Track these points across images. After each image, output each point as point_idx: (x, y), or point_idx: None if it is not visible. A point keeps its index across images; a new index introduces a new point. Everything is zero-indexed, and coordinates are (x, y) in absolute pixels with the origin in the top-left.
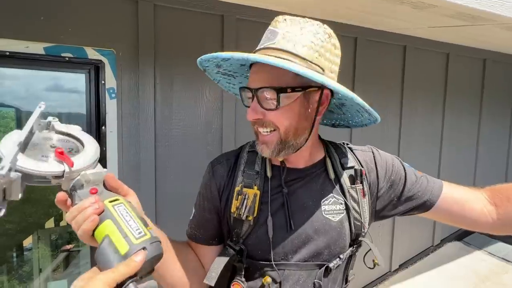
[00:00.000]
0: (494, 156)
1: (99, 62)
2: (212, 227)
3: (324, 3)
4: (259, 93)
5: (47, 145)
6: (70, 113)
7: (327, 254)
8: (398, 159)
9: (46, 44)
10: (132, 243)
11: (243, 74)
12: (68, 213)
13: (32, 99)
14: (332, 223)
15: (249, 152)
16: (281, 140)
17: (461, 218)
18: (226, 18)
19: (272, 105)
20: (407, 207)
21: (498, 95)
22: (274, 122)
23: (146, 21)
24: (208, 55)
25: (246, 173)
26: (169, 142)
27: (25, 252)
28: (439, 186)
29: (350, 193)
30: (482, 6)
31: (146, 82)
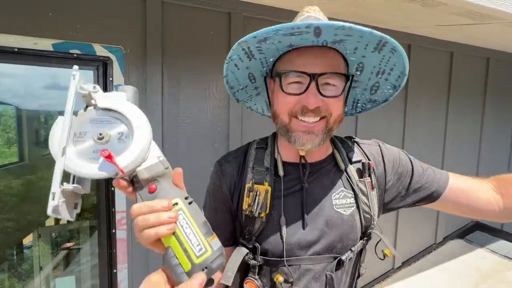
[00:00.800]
0: (496, 152)
1: (107, 59)
2: (226, 228)
3: (332, 1)
4: (321, 79)
5: (95, 134)
6: (75, 111)
7: (340, 247)
8: (404, 152)
9: (54, 41)
10: (193, 262)
11: (264, 58)
12: (136, 207)
13: (31, 98)
14: (344, 217)
15: (257, 148)
16: (327, 128)
17: (468, 207)
18: (233, 15)
19: (336, 92)
20: (415, 199)
21: (501, 93)
22: (330, 110)
23: (154, 18)
24: (299, 23)
25: (256, 170)
26: (176, 139)
27: (25, 250)
28: (445, 176)
29: (359, 187)
30: (493, 4)
31: (154, 79)
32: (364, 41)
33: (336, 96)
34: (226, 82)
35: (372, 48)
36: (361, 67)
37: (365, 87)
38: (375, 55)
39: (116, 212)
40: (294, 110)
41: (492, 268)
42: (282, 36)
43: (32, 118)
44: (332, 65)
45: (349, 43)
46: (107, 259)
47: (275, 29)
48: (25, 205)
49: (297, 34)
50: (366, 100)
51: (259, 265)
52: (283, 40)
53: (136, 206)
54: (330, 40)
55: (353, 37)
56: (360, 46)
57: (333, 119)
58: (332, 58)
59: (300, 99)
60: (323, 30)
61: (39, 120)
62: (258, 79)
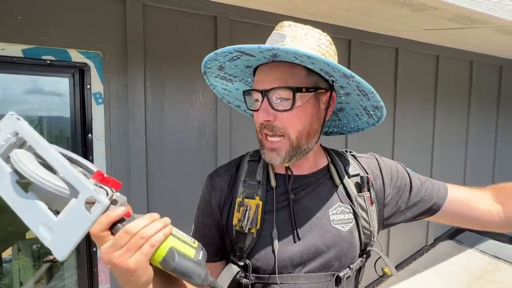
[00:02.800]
0: (482, 155)
1: (84, 65)
2: (213, 244)
3: (319, 4)
4: (270, 94)
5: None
6: (52, 117)
7: (337, 266)
8: (401, 165)
9: (24, 46)
10: (194, 247)
11: (243, 79)
12: (131, 226)
13: (9, 103)
14: (342, 233)
15: (250, 161)
16: (293, 146)
17: (468, 218)
18: (219, 19)
19: (287, 105)
20: (415, 213)
21: (485, 95)
22: (286, 125)
23: (134, 22)
24: (229, 47)
25: (247, 184)
26: (161, 149)
27: (4, 264)
28: (444, 188)
29: (358, 201)
30: (482, 9)
31: (136, 86)
32: (291, 53)
33: (288, 110)
34: (228, 103)
35: (307, 58)
36: (325, 72)
37: (357, 93)
38: (318, 62)
39: None
40: (258, 128)
41: (482, 269)
42: (229, 62)
43: None
44: (280, 78)
45: (283, 55)
46: (88, 280)
47: (209, 58)
48: (4, 216)
49: (236, 58)
50: (371, 106)
51: (252, 283)
52: (236, 64)
53: (136, 222)
54: (267, 56)
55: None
56: (297, 56)
57: (293, 135)
58: (283, 70)
59: (257, 116)
60: (248, 52)
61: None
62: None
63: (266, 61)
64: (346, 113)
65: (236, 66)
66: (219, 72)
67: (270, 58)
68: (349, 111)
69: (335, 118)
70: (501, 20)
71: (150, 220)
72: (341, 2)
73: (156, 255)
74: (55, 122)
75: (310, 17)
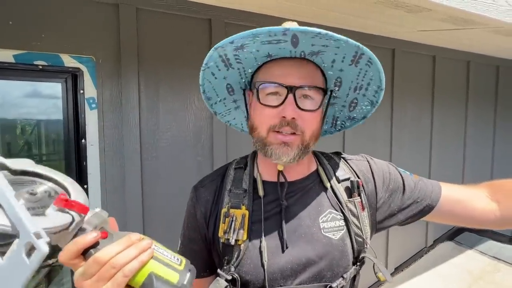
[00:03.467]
0: (480, 155)
1: (77, 70)
2: (201, 258)
3: (318, 7)
4: (299, 91)
5: (24, 192)
6: (47, 121)
7: (330, 276)
8: (393, 166)
9: (16, 52)
10: (178, 270)
11: (243, 68)
12: (107, 250)
13: (7, 106)
14: (333, 242)
15: (236, 169)
16: (304, 145)
17: (463, 217)
18: (214, 22)
19: (313, 106)
20: (407, 215)
21: (482, 95)
22: (305, 125)
23: (128, 26)
24: (279, 28)
25: (232, 193)
26: (156, 154)
27: None
28: (438, 188)
29: (348, 207)
30: (477, 10)
31: (130, 90)
32: (341, 52)
33: (313, 110)
34: (202, 92)
35: (349, 61)
36: (339, 82)
37: (344, 104)
38: (352, 69)
39: None
40: (273, 124)
41: (482, 270)
42: (259, 44)
43: (7, 129)
44: (310, 77)
45: (327, 55)
46: None
47: (252, 33)
48: None
49: (274, 42)
50: (345, 117)
51: None
52: (261, 48)
53: (107, 249)
54: (307, 51)
55: (330, 48)
56: (338, 59)
57: (308, 136)
58: (310, 71)
59: (278, 111)
60: (300, 38)
61: (15, 131)
62: (237, 91)
63: (298, 56)
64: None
65: (258, 51)
66: (230, 52)
67: (308, 54)
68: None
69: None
70: (496, 21)
71: (125, 245)
72: (335, 5)
73: (133, 282)
74: (49, 126)
75: (304, 19)
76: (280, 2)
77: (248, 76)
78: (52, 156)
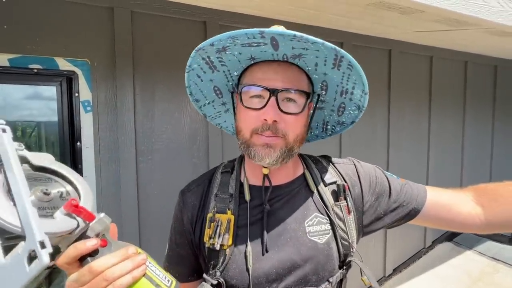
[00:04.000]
0: (478, 156)
1: (72, 73)
2: (188, 263)
3: (310, 9)
4: (281, 94)
5: (38, 190)
6: (42, 124)
7: (315, 280)
8: (379, 169)
9: (10, 55)
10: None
11: (228, 71)
12: (103, 260)
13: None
14: (319, 246)
15: (223, 173)
16: (288, 148)
17: (448, 222)
18: (208, 24)
19: (296, 109)
20: (393, 218)
21: (480, 96)
22: (288, 128)
23: (122, 29)
24: (255, 30)
25: (218, 197)
26: (151, 156)
27: None
28: (423, 192)
29: (334, 211)
30: (469, 11)
31: (125, 93)
32: (322, 55)
33: (296, 114)
34: (189, 94)
35: (331, 65)
36: (325, 86)
37: (332, 108)
38: (336, 72)
39: None
40: (255, 127)
41: (481, 271)
42: (240, 46)
43: None
44: (293, 81)
45: (308, 58)
46: None
47: (230, 35)
48: None
49: (255, 45)
50: (335, 122)
51: None
52: (243, 51)
53: (102, 260)
54: (289, 54)
55: (310, 51)
56: (320, 62)
57: (291, 138)
58: (294, 73)
59: (260, 114)
60: (279, 41)
61: (15, 133)
62: (225, 94)
63: (281, 59)
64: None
65: (241, 54)
66: (213, 54)
67: (290, 57)
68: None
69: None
70: (489, 22)
71: (122, 258)
72: (327, 6)
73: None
74: (44, 129)
75: (300, 20)
76: (273, 4)
77: (234, 79)
78: None
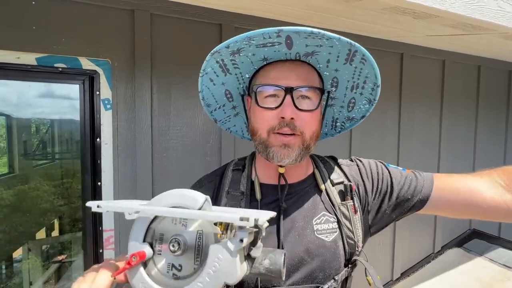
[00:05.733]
0: (490, 162)
1: (94, 72)
2: None
3: (324, 13)
4: (296, 92)
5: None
6: (65, 121)
7: (322, 277)
8: (381, 164)
9: (38, 55)
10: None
11: (240, 73)
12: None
13: (24, 106)
14: (326, 244)
15: (234, 170)
16: (305, 145)
17: (467, 209)
18: (224, 27)
19: (311, 105)
20: (399, 213)
21: (493, 100)
22: (304, 125)
23: (142, 31)
24: (270, 29)
25: (230, 195)
26: (166, 154)
27: (15, 264)
28: (429, 182)
29: (341, 210)
30: (484, 17)
31: (143, 92)
32: (335, 51)
33: (312, 110)
34: (202, 99)
35: (344, 60)
36: (335, 82)
37: (342, 104)
38: (347, 68)
39: (103, 231)
40: (272, 126)
41: (491, 278)
42: (255, 47)
43: (23, 128)
44: (306, 78)
45: (321, 55)
46: None
47: (246, 36)
48: (15, 217)
49: (269, 45)
50: (345, 118)
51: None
52: (257, 52)
53: None
54: (302, 52)
55: (324, 47)
56: (332, 58)
57: (308, 136)
58: (306, 71)
59: (277, 113)
60: (294, 39)
61: (30, 130)
62: (236, 97)
63: (293, 58)
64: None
65: (254, 55)
66: (227, 57)
67: (302, 55)
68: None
69: None
70: (504, 27)
71: None
72: (342, 11)
73: None
74: (66, 126)
75: (313, 24)
76: (287, 7)
77: (246, 82)
78: (65, 154)
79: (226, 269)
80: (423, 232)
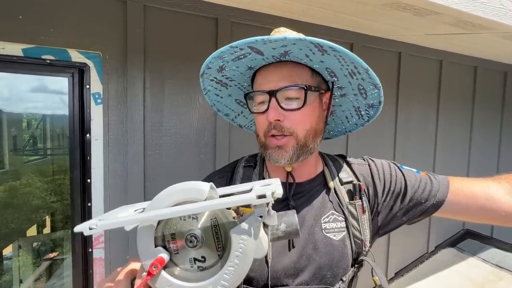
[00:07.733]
0: (485, 162)
1: (84, 65)
2: None
3: (323, 8)
4: (280, 93)
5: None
6: (55, 115)
7: (330, 276)
8: (395, 165)
9: (24, 46)
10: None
11: (239, 84)
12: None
13: (14, 100)
14: (334, 242)
15: (245, 167)
16: (300, 144)
17: (484, 213)
18: (220, 21)
19: (297, 104)
20: (412, 216)
21: (489, 101)
22: (294, 125)
23: (135, 23)
24: (240, 42)
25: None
26: (159, 150)
27: (5, 261)
28: (445, 186)
29: (349, 209)
30: (486, 14)
31: (135, 87)
32: (303, 46)
33: (298, 109)
34: (217, 111)
35: (319, 52)
36: (332, 72)
37: (354, 92)
38: (329, 57)
39: None
40: (265, 130)
41: (484, 278)
42: (232, 62)
43: (13, 122)
44: (288, 77)
45: (295, 52)
46: (83, 281)
47: (217, 55)
48: (6, 213)
49: (242, 57)
50: (365, 105)
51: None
52: (238, 64)
53: None
54: (276, 54)
55: (290, 46)
56: (308, 52)
57: (301, 134)
58: (290, 70)
59: (265, 117)
60: (257, 47)
61: (21, 125)
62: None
63: (273, 60)
64: (335, 116)
65: (238, 67)
66: (216, 74)
67: (279, 56)
68: (339, 114)
69: None
70: (505, 26)
71: None
72: (343, 6)
73: None
74: (55, 121)
75: (312, 20)
76: (285, 2)
77: (248, 89)
78: (57, 150)
79: (253, 247)
80: (417, 232)
